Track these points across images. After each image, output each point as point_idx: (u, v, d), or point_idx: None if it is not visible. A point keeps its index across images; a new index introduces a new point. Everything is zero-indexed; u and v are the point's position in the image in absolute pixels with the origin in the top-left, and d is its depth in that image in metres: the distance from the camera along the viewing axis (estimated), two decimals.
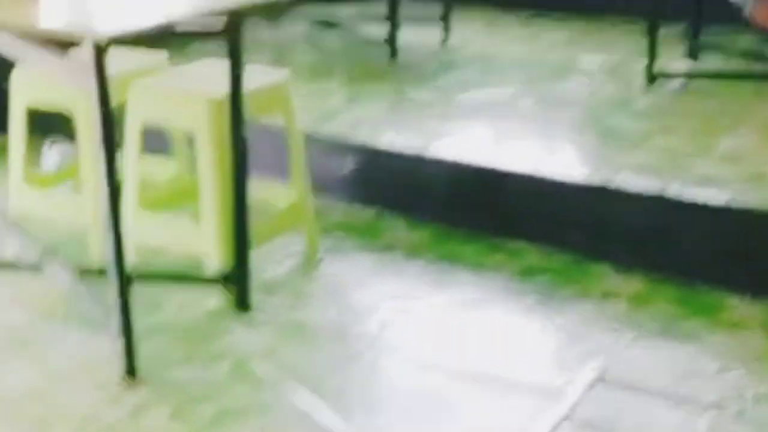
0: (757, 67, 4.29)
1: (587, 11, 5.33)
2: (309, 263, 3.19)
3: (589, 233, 3.22)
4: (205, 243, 2.93)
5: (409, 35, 4.89)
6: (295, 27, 5.37)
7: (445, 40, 5.02)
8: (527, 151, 3.49)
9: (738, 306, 2.86)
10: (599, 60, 4.56)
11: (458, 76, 4.45)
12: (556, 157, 3.44)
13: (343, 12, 5.53)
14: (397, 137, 3.63)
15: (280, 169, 3.23)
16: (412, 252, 3.27)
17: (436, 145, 3.54)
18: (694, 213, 3.06)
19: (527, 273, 3.10)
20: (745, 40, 4.54)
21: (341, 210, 3.57)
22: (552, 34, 5.13)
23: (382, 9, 4.79)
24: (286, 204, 3.17)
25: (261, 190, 3.08)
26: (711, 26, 4.49)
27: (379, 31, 4.85)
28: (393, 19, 4.72)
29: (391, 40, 4.73)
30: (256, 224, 2.91)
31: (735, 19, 4.46)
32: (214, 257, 2.91)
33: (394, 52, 4.74)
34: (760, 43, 4.48)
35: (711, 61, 4.39)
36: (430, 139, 3.60)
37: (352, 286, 3.07)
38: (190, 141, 3.11)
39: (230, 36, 2.69)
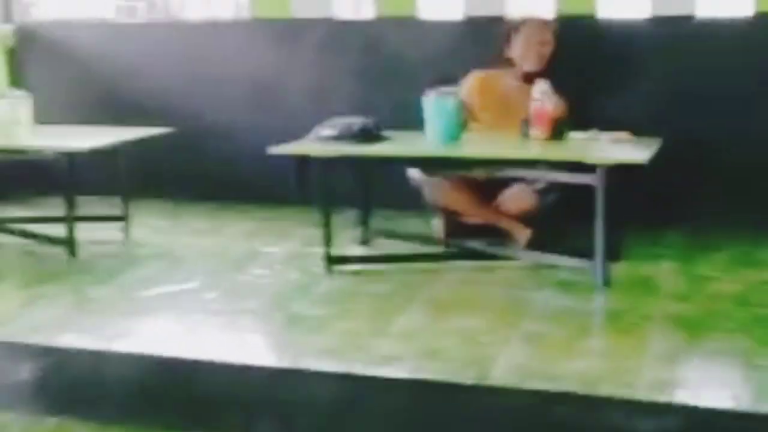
0: (423, 248, 4.62)
1: (267, 203, 5.54)
2: None
3: (280, 419, 3.24)
4: None
5: (88, 233, 4.81)
6: None
7: (126, 237, 4.99)
8: (214, 343, 3.49)
9: None
10: (280, 249, 4.72)
11: (141, 272, 4.41)
12: (242, 346, 3.47)
13: (14, 212, 5.36)
14: (78, 338, 3.51)
15: None
16: None
17: (119, 344, 3.46)
18: (378, 390, 3.19)
19: None
20: (413, 223, 4.90)
21: (19, 423, 3.34)
22: (234, 226, 5.25)
23: (59, 208, 4.69)
24: None
25: None
26: (382, 211, 4.82)
27: (56, 230, 4.74)
28: (70, 217, 4.64)
29: (69, 240, 4.63)
30: None
31: (404, 204, 4.83)
32: None
33: (72, 252, 4.63)
34: (426, 226, 4.85)
35: (383, 245, 4.68)
36: (113, 338, 3.51)
37: None
38: None
39: None
